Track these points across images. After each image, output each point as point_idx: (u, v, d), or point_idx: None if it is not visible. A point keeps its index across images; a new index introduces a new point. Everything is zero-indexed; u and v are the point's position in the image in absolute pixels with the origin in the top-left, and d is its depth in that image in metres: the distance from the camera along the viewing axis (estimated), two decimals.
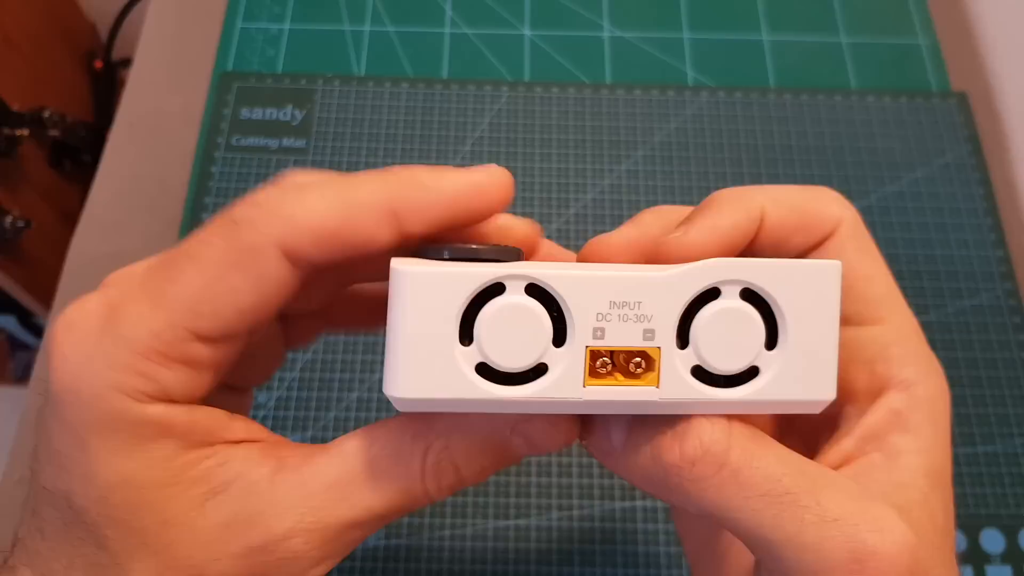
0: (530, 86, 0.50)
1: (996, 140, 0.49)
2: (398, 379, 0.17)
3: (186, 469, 0.18)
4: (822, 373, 0.18)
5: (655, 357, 0.18)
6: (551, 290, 0.17)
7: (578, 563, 0.37)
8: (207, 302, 0.17)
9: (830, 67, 0.51)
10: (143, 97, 0.50)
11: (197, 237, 0.18)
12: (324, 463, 0.19)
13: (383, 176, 0.18)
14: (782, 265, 0.18)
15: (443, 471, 0.20)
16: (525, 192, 0.46)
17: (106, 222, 0.46)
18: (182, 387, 0.18)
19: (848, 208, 0.21)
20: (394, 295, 0.17)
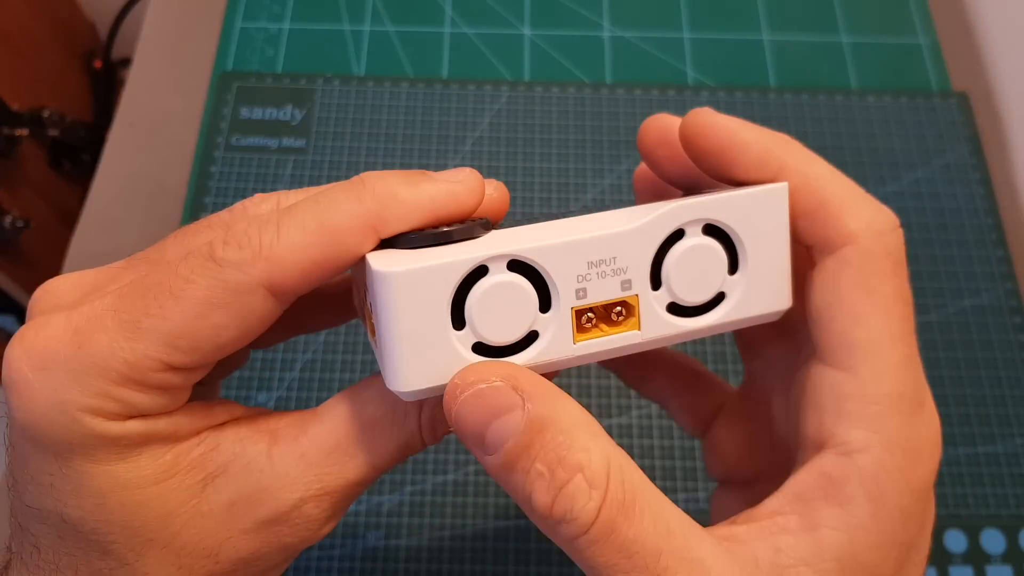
0: (530, 86, 0.50)
1: (997, 140, 0.49)
2: (401, 375, 0.18)
3: (178, 461, 0.19)
4: (778, 286, 0.20)
5: (634, 304, 0.19)
6: (533, 263, 0.18)
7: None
8: (186, 337, 0.17)
9: (830, 67, 0.51)
10: (143, 97, 0.50)
11: (175, 271, 0.18)
12: (320, 430, 0.20)
13: (358, 193, 0.18)
14: (737, 196, 0.19)
15: (438, 422, 0.20)
16: (525, 192, 0.46)
17: (106, 222, 0.46)
18: (157, 406, 0.18)
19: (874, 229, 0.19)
20: (381, 296, 0.17)
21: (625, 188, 0.47)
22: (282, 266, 0.17)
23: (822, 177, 0.19)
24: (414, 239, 0.18)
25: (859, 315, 0.18)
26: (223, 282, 0.17)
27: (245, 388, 0.41)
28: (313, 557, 0.37)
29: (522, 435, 0.17)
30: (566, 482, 0.16)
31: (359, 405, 0.20)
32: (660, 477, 0.39)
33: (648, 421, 0.40)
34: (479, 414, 0.17)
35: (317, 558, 0.37)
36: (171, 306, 0.17)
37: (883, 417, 0.18)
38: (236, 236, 0.18)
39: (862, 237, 0.19)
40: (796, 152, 0.20)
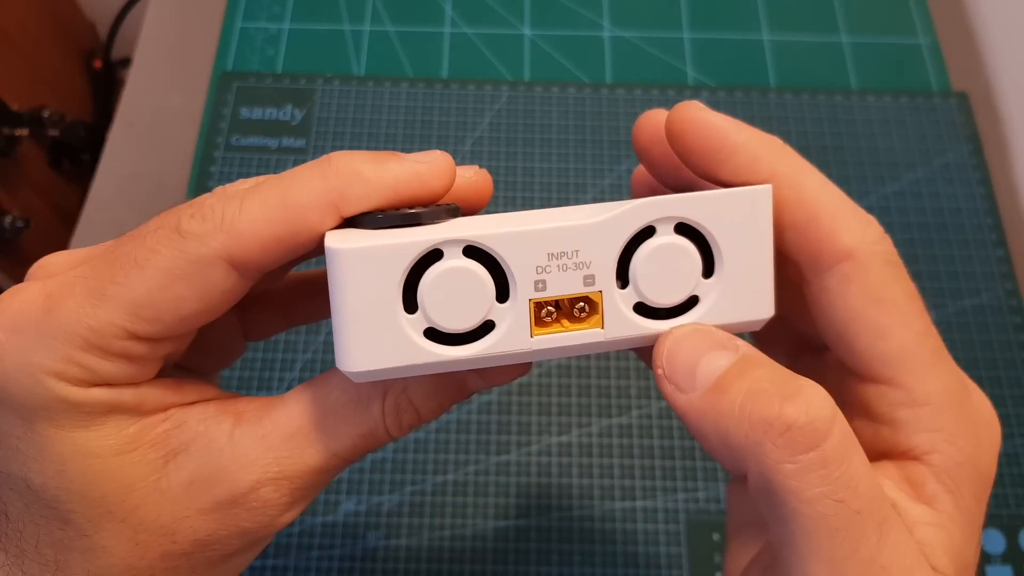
0: (530, 86, 0.50)
1: (997, 140, 0.49)
2: (350, 354, 0.17)
3: (141, 435, 0.19)
4: (759, 293, 0.19)
5: (597, 300, 0.18)
6: (489, 250, 0.17)
7: (578, 563, 0.37)
8: (149, 307, 0.17)
9: (830, 67, 0.51)
10: (143, 97, 0.50)
11: (143, 242, 0.18)
12: (283, 414, 0.20)
13: (322, 170, 0.18)
14: (713, 197, 0.18)
15: (402, 411, 0.20)
16: (525, 192, 0.46)
17: (105, 222, 0.46)
18: (122, 376, 0.18)
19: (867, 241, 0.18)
20: (333, 274, 0.17)
21: (625, 188, 0.47)
22: (242, 239, 0.17)
23: (814, 189, 0.19)
24: (378, 219, 0.18)
25: (881, 328, 0.18)
26: (185, 253, 0.17)
27: (245, 388, 0.41)
28: (313, 557, 0.37)
29: (736, 364, 0.17)
30: (797, 391, 0.16)
31: (324, 391, 0.20)
32: (660, 477, 0.39)
33: (648, 421, 0.40)
34: (697, 346, 0.17)
35: (317, 558, 0.37)
36: (135, 275, 0.17)
37: (937, 414, 0.18)
38: (202, 210, 0.18)
39: (859, 252, 0.18)
40: (788, 159, 0.19)
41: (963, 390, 0.19)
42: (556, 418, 0.40)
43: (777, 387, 0.16)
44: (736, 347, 0.18)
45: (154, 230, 0.18)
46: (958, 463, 0.18)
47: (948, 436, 0.18)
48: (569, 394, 0.41)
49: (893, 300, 0.18)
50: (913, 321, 0.18)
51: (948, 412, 0.18)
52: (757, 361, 0.17)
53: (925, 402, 0.18)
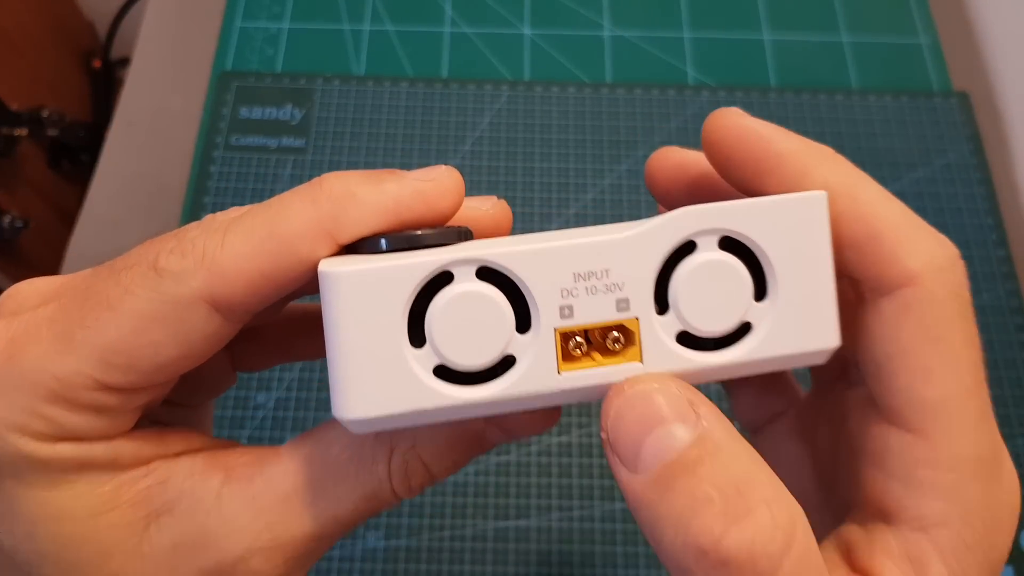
0: (530, 85, 0.49)
1: (998, 140, 0.49)
2: (347, 399, 0.15)
3: (119, 493, 0.17)
4: (821, 318, 0.16)
5: (633, 329, 0.16)
6: (505, 271, 0.15)
7: (578, 564, 0.37)
8: (121, 354, 0.16)
9: (831, 66, 0.51)
10: (142, 96, 0.49)
11: (117, 280, 0.16)
12: (277, 471, 0.18)
13: (313, 196, 0.16)
14: (761, 204, 0.16)
15: (412, 471, 0.18)
16: (525, 192, 0.46)
17: (104, 222, 0.46)
18: (93, 430, 0.16)
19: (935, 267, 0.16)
20: (327, 302, 0.15)
21: (625, 188, 0.46)
22: (224, 277, 0.16)
23: (874, 202, 0.17)
24: (378, 244, 0.16)
25: (927, 369, 0.16)
26: (161, 293, 0.16)
27: (245, 388, 0.40)
28: None
29: (689, 449, 0.14)
30: (746, 512, 0.14)
31: (322, 446, 0.18)
32: None
33: None
34: (647, 414, 0.15)
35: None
36: (107, 318, 0.16)
37: (961, 486, 0.16)
38: (182, 244, 0.16)
39: (924, 277, 0.16)
40: (842, 168, 0.17)
41: (995, 462, 0.16)
42: None
43: (724, 501, 0.14)
44: (697, 419, 0.15)
45: (130, 266, 0.16)
46: (969, 546, 0.16)
47: (965, 513, 0.16)
48: None
49: (949, 341, 0.16)
50: (965, 371, 0.16)
51: (974, 485, 0.16)
52: (717, 446, 0.14)
53: (951, 468, 0.16)
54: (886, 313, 0.16)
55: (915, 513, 0.16)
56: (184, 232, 0.17)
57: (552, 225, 0.45)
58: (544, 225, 0.45)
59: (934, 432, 0.16)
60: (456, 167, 0.18)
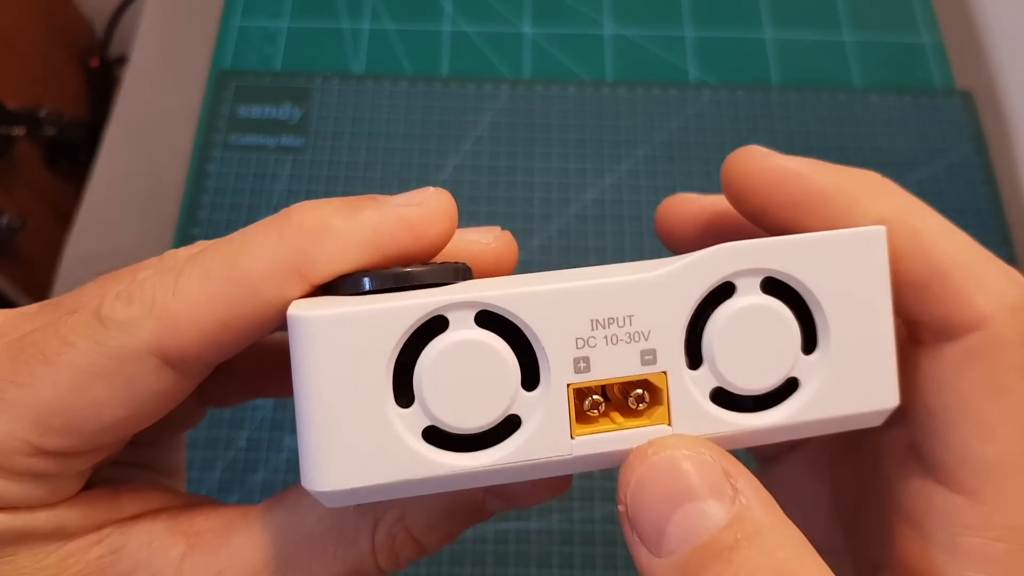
0: (530, 84, 0.49)
1: (1001, 139, 0.49)
2: (319, 467, 0.13)
3: (67, 565, 0.15)
4: (879, 374, 0.14)
5: (661, 385, 0.14)
6: (510, 316, 0.13)
7: (579, 566, 0.37)
8: (59, 415, 0.14)
9: (833, 65, 0.51)
10: (139, 95, 0.49)
11: (56, 329, 0.14)
12: (246, 543, 0.16)
13: (280, 229, 0.14)
14: (811, 241, 0.14)
15: (400, 545, 0.16)
16: (525, 192, 0.46)
17: (102, 221, 0.45)
18: (31, 499, 0.14)
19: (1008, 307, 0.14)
20: (297, 352, 0.13)
21: (626, 188, 0.46)
22: (176, 327, 0.14)
23: (936, 235, 0.15)
24: (360, 283, 0.14)
25: (988, 425, 0.14)
26: (104, 346, 0.14)
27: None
28: None
29: (725, 530, 0.12)
30: None
31: (297, 514, 0.16)
32: None
33: None
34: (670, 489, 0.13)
35: None
36: (42, 373, 0.14)
37: (1012, 557, 0.14)
38: (131, 288, 0.14)
39: (995, 321, 0.14)
40: (896, 199, 0.15)
41: None
42: None
43: None
44: (734, 495, 0.13)
45: (71, 312, 0.14)
46: None
47: None
48: None
49: (1018, 395, 0.14)
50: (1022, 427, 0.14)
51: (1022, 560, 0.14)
52: (757, 529, 0.12)
53: (1003, 537, 0.14)
54: (948, 359, 0.14)
55: None
56: (137, 270, 0.15)
57: (552, 225, 0.45)
58: (544, 225, 0.45)
59: (989, 496, 0.14)
60: (456, 166, 0.17)
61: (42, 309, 0.16)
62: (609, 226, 0.45)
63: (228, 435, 0.39)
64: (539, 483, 0.16)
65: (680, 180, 0.46)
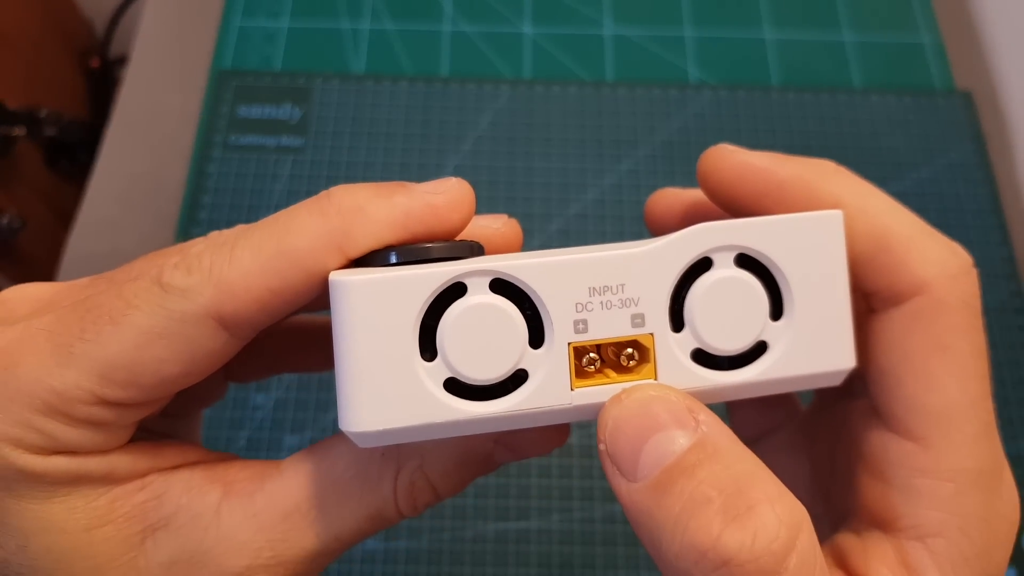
0: (531, 84, 0.49)
1: (1001, 139, 0.49)
2: (356, 411, 0.15)
3: (115, 508, 0.16)
4: (837, 338, 0.16)
5: (648, 345, 0.16)
6: (520, 283, 0.15)
7: (579, 566, 0.37)
8: (122, 369, 0.15)
9: (833, 65, 0.51)
10: (140, 95, 0.49)
11: (120, 292, 0.16)
12: (279, 488, 0.17)
13: (322, 210, 0.16)
14: (777, 222, 0.16)
15: (418, 491, 0.18)
16: (525, 192, 0.46)
17: (102, 221, 0.45)
18: (89, 444, 0.16)
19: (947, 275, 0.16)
20: (338, 311, 0.15)
21: (626, 188, 0.46)
22: (233, 294, 0.15)
23: (883, 214, 0.17)
24: (388, 257, 0.16)
25: (932, 378, 0.16)
26: (167, 309, 0.15)
27: (244, 389, 0.40)
28: None
29: (688, 453, 0.14)
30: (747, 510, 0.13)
31: (326, 463, 0.18)
32: None
33: None
34: (641, 424, 0.14)
35: None
36: (108, 332, 0.15)
37: (960, 496, 0.16)
38: (187, 259, 0.16)
39: (934, 285, 0.16)
40: (846, 183, 0.17)
41: (996, 475, 0.16)
42: None
43: (724, 499, 0.13)
44: (696, 424, 0.14)
45: (133, 279, 0.16)
46: (966, 558, 0.15)
47: (963, 524, 0.15)
48: None
49: (957, 351, 0.16)
50: (972, 382, 0.16)
51: (973, 496, 0.16)
52: (716, 449, 0.14)
53: (951, 478, 0.16)
54: (895, 322, 0.16)
55: (913, 522, 0.16)
56: (189, 247, 0.16)
57: (552, 225, 0.45)
58: (544, 225, 0.45)
59: (936, 441, 0.16)
60: (456, 166, 0.18)
61: (93, 282, 0.18)
62: (609, 226, 0.45)
63: (228, 435, 0.39)
64: (541, 434, 0.18)
65: (680, 180, 0.46)
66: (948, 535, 0.15)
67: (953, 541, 0.15)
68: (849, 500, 0.18)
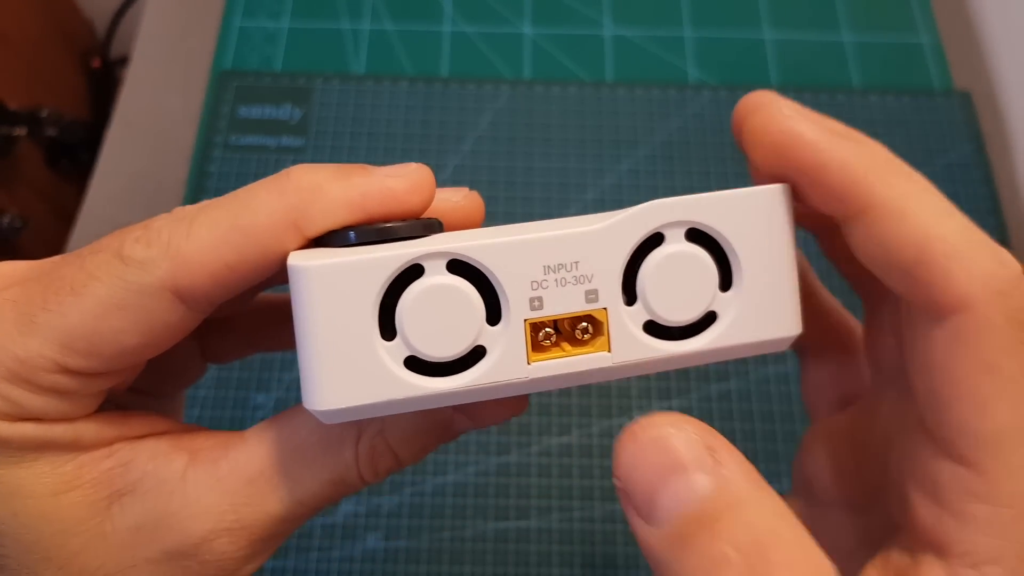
0: (530, 84, 0.49)
1: (999, 139, 0.49)
2: (319, 390, 0.15)
3: (81, 474, 0.17)
4: (783, 307, 0.17)
5: (602, 319, 0.16)
6: (476, 264, 0.16)
7: (579, 565, 0.37)
8: (83, 339, 0.16)
9: (832, 66, 0.51)
10: (141, 96, 0.49)
11: (81, 265, 0.16)
12: (243, 454, 0.18)
13: (280, 188, 0.16)
14: (725, 197, 0.16)
15: (379, 456, 0.18)
16: (525, 192, 0.46)
17: (103, 222, 0.45)
18: (53, 411, 0.16)
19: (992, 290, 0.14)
20: (297, 296, 0.15)
21: (626, 188, 0.46)
22: (188, 268, 0.16)
23: (926, 218, 0.15)
24: (347, 237, 0.16)
25: (982, 402, 0.15)
26: (125, 281, 0.16)
27: (244, 388, 0.40)
28: (312, 559, 0.37)
29: (707, 502, 0.13)
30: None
31: (289, 429, 0.18)
32: None
33: None
34: (658, 463, 0.14)
35: (316, 560, 0.37)
36: (70, 303, 0.16)
37: (1017, 523, 0.15)
38: (148, 233, 0.16)
39: (979, 302, 0.14)
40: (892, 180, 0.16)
41: None
42: (556, 419, 0.40)
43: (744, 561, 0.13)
44: (716, 467, 0.14)
45: (94, 252, 0.16)
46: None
47: (1020, 552, 0.15)
48: (569, 394, 0.41)
49: (1007, 371, 0.15)
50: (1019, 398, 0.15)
51: None
52: (738, 500, 0.13)
53: (1008, 504, 0.15)
54: (938, 341, 0.15)
55: (968, 548, 0.15)
56: (151, 222, 0.17)
57: None
58: None
59: (989, 467, 0.15)
60: (456, 166, 0.18)
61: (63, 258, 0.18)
62: None
63: None
64: (499, 404, 0.19)
65: (680, 180, 0.47)
66: (1004, 563, 0.15)
67: (1010, 568, 0.15)
68: (902, 515, 0.17)
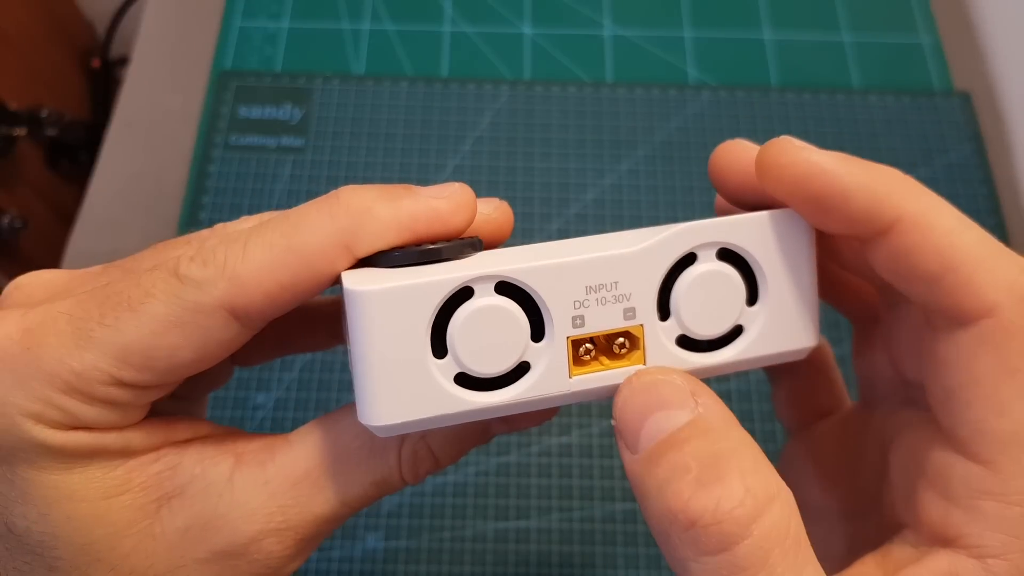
0: (530, 85, 0.49)
1: (999, 140, 0.49)
2: (375, 407, 0.16)
3: (131, 478, 0.17)
4: (803, 320, 0.18)
5: (638, 335, 0.17)
6: (524, 286, 0.16)
7: (579, 565, 0.37)
8: (138, 354, 0.16)
9: (832, 66, 0.51)
10: (141, 96, 0.49)
11: (138, 281, 0.17)
12: (289, 457, 0.18)
13: (331, 210, 0.17)
14: (754, 219, 0.18)
15: (421, 459, 0.19)
16: (525, 192, 0.46)
17: (103, 222, 0.45)
18: (105, 422, 0.17)
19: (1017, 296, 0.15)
20: (354, 318, 0.16)
21: (626, 188, 0.46)
22: (245, 288, 0.16)
23: (949, 230, 0.16)
24: (395, 257, 0.17)
25: (1001, 403, 0.15)
26: (182, 300, 0.16)
27: (244, 388, 0.40)
28: (312, 559, 0.37)
29: (681, 429, 0.15)
30: (716, 479, 0.14)
31: (334, 433, 0.19)
32: None
33: None
34: (646, 402, 0.16)
35: (316, 559, 0.37)
36: (127, 319, 0.16)
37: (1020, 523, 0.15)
38: (203, 253, 0.17)
39: (1003, 308, 0.15)
40: (912, 196, 0.17)
41: None
42: (556, 419, 0.40)
43: (700, 468, 0.14)
44: (694, 404, 0.16)
45: (150, 269, 0.17)
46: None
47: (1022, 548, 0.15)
48: None
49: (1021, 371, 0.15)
50: None
51: None
52: (708, 428, 0.15)
53: (1019, 502, 0.15)
54: (962, 344, 0.16)
55: (975, 542, 0.16)
56: (201, 239, 0.17)
57: (552, 225, 0.45)
58: (544, 225, 0.45)
59: (1004, 466, 0.15)
60: (456, 167, 0.19)
61: (105, 270, 0.19)
62: (609, 226, 0.45)
63: None
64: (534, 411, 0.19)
65: (680, 180, 0.47)
66: (1011, 557, 0.15)
67: (1015, 563, 0.15)
68: (905, 511, 0.18)
